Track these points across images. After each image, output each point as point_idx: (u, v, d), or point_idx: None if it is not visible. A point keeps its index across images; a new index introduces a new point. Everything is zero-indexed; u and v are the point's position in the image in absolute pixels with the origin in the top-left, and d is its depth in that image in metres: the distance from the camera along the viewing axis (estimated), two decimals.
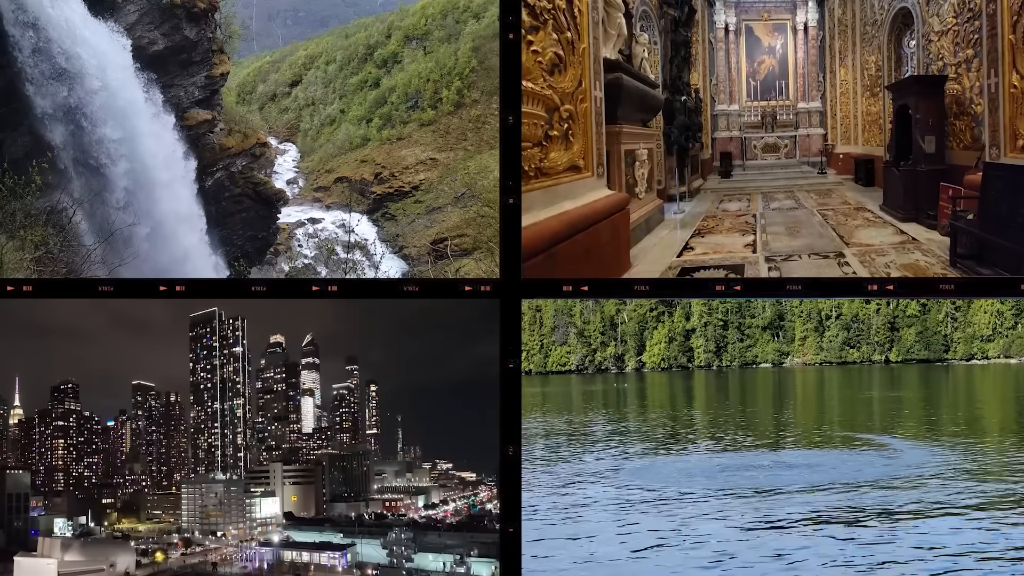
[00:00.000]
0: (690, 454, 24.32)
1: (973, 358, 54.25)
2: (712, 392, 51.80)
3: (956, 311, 54.93)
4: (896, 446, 24.10)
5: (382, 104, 43.55)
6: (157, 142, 31.46)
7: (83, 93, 29.02)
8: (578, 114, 18.63)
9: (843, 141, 37.04)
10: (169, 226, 31.12)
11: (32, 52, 27.99)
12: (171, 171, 32.01)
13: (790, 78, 40.86)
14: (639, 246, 23.04)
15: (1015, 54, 19.17)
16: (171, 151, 32.19)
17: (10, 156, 26.22)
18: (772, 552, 14.34)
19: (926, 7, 26.03)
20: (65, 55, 28.49)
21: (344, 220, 39.77)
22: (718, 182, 37.83)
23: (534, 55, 15.94)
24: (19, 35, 27.71)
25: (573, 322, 57.24)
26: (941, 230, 21.41)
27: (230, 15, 36.84)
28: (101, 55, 29.53)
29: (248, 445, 21.72)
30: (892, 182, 26.24)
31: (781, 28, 40.97)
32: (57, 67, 28.39)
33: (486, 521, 16.73)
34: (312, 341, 22.81)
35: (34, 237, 21.82)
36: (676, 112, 31.25)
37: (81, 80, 28.98)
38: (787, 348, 57.16)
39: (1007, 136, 19.69)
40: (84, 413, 22.05)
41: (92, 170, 29.13)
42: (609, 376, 56.64)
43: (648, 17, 29.42)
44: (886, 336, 55.83)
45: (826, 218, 26.71)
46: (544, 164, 16.67)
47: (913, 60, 28.08)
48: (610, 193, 20.72)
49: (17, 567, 16.63)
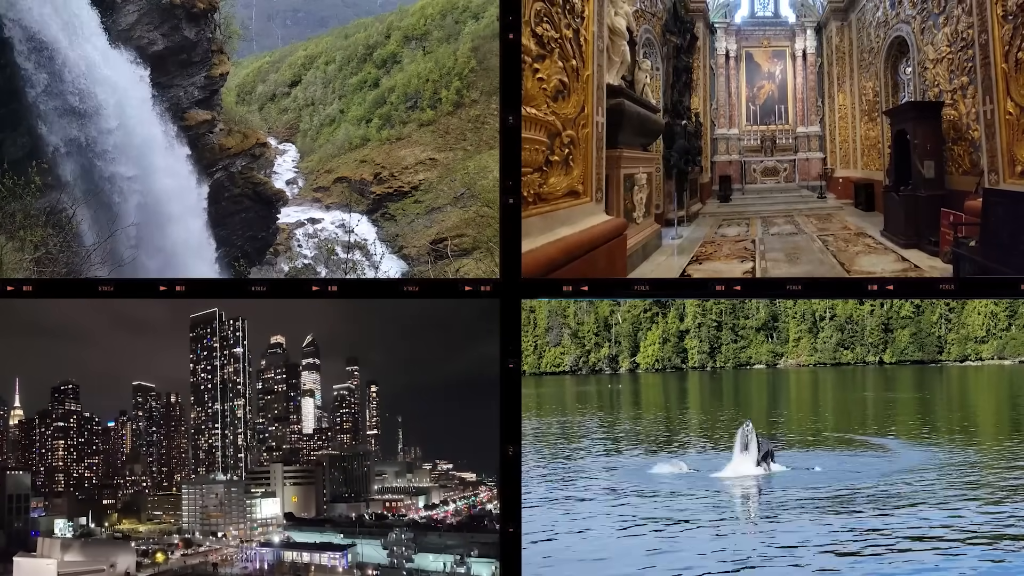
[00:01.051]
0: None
1: (967, 359, 54.33)
2: (706, 394, 51.81)
3: (950, 312, 54.97)
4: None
5: (381, 104, 43.54)
6: (171, 178, 31.46)
7: (97, 132, 28.97)
8: (579, 139, 18.61)
9: (842, 165, 37.32)
10: (180, 257, 31.05)
11: (45, 91, 27.94)
12: (183, 203, 32.02)
13: (789, 103, 41.12)
14: (636, 272, 22.81)
15: (1008, 82, 19.22)
16: (185, 184, 32.23)
17: (10, 157, 26.21)
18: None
19: (921, 36, 26.16)
20: (80, 95, 28.44)
21: (344, 220, 39.77)
22: (717, 206, 37.99)
23: (539, 82, 15.93)
24: (33, 70, 27.65)
25: (567, 323, 57.22)
26: (943, 257, 21.19)
27: (229, 15, 36.82)
28: (120, 92, 29.45)
29: (248, 446, 21.73)
30: (892, 207, 26.22)
31: (780, 55, 41.27)
32: (71, 106, 28.33)
33: (486, 521, 16.76)
34: (312, 342, 22.82)
35: (34, 237, 21.81)
36: (676, 136, 31.51)
37: (96, 120, 28.93)
38: (781, 349, 57.15)
39: (1005, 162, 19.70)
40: (84, 414, 22.04)
41: (103, 206, 28.96)
42: (603, 377, 56.62)
43: (651, 44, 29.60)
44: (880, 337, 55.82)
45: (826, 244, 26.58)
46: (543, 189, 16.62)
47: (910, 86, 28.24)
48: (608, 219, 20.57)
49: (17, 568, 16.63)
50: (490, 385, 12.76)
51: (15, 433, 21.82)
